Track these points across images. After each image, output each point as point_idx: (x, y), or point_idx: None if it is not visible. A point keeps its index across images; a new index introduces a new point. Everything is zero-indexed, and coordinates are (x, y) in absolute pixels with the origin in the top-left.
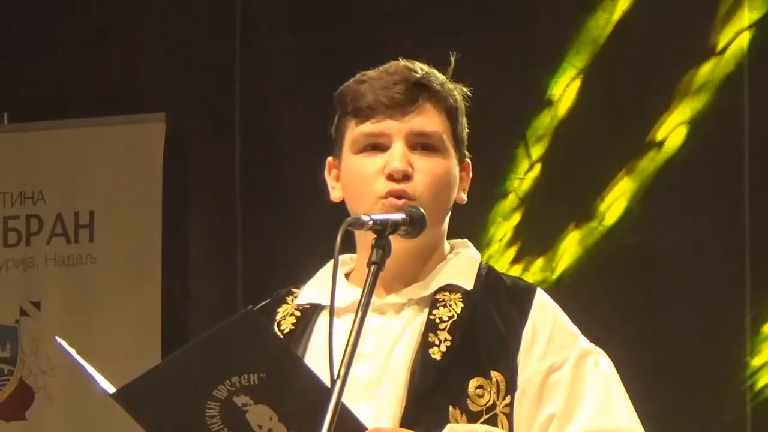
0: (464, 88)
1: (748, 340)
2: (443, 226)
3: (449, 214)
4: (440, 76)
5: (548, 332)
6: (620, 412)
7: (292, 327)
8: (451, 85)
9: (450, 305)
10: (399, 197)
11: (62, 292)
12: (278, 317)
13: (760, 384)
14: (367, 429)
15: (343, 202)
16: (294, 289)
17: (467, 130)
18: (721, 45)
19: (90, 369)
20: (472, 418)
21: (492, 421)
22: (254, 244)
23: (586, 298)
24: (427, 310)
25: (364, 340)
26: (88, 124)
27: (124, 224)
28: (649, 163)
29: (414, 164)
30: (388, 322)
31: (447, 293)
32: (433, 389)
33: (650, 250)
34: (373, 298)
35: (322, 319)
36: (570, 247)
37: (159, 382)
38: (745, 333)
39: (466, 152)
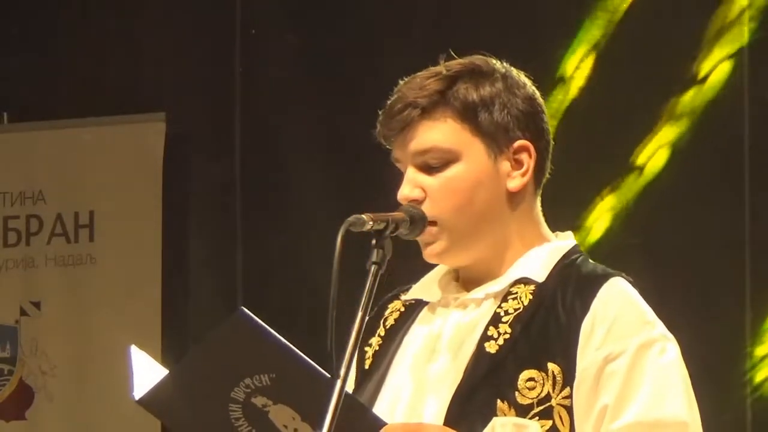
0: (500, 69)
1: (749, 339)
2: (513, 221)
3: (524, 202)
4: (440, 82)
5: (609, 322)
6: (672, 403)
7: (394, 322)
8: (467, 80)
9: (520, 298)
10: None
11: (62, 292)
12: (386, 313)
13: (761, 380)
14: (386, 424)
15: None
16: (413, 285)
17: (518, 108)
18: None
19: (143, 372)
20: (522, 411)
21: (545, 414)
22: (254, 244)
23: None
24: (498, 304)
25: (443, 335)
26: (88, 124)
27: (124, 224)
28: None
29: (424, 186)
30: (465, 317)
31: (521, 286)
32: (482, 383)
33: (650, 250)
34: (458, 294)
35: (423, 313)
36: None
37: (176, 388)
38: (745, 333)
39: (518, 133)
